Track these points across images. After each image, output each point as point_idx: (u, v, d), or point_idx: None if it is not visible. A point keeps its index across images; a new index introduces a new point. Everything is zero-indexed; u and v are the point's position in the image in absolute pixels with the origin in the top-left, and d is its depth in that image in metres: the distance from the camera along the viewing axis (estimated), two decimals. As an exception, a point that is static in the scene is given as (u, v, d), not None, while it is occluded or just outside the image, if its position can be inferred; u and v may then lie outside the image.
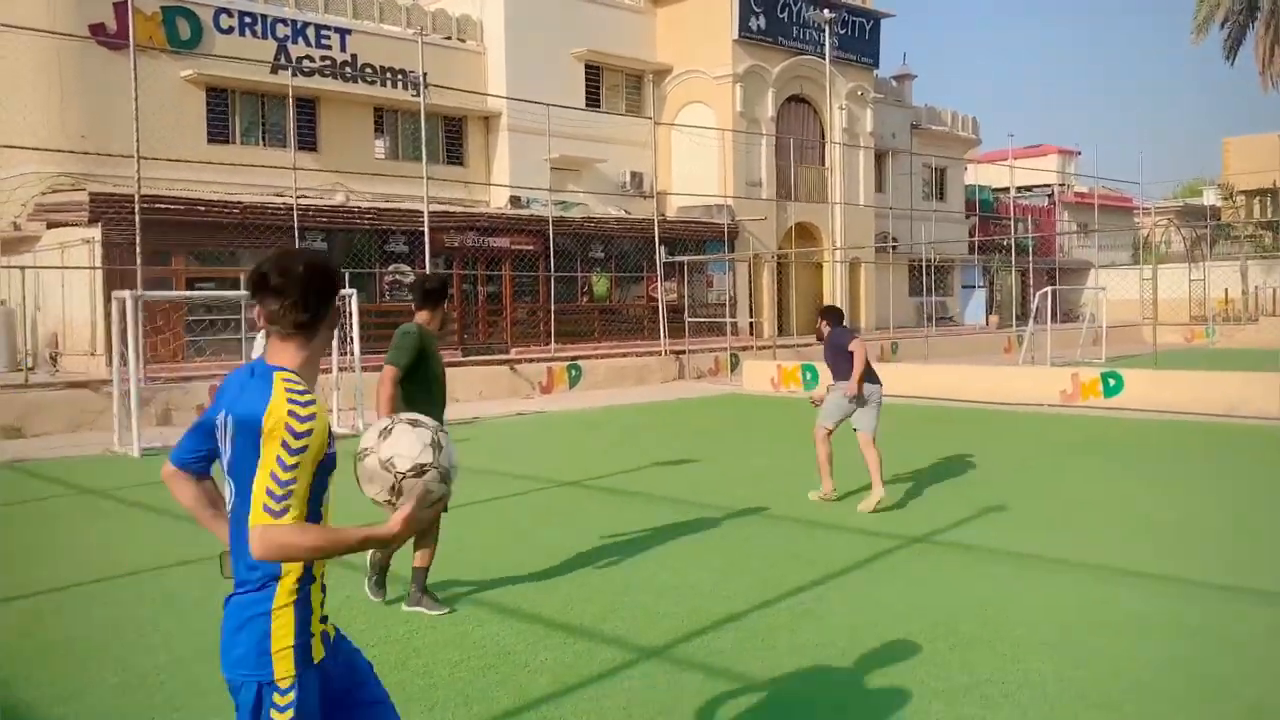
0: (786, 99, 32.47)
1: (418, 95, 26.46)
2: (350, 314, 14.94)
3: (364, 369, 15.44)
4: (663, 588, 6.47)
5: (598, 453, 12.82)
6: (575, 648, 5.35)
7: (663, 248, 25.87)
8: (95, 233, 18.88)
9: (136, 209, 16.70)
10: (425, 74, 22.16)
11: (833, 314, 9.63)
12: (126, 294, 12.99)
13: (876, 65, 35.53)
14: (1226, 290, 42.15)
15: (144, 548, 7.85)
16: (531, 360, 21.95)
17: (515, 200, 27.52)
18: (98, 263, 18.77)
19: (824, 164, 34.07)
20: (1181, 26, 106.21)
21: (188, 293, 17.87)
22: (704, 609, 5.96)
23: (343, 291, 15.22)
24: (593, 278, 27.37)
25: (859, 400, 9.08)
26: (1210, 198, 60.96)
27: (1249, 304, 41.94)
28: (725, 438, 14.28)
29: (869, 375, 9.07)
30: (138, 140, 16.79)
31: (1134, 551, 7.20)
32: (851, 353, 8.97)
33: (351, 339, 15.04)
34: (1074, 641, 5.32)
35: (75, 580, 6.88)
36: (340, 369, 15.51)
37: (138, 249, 16.55)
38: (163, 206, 18.97)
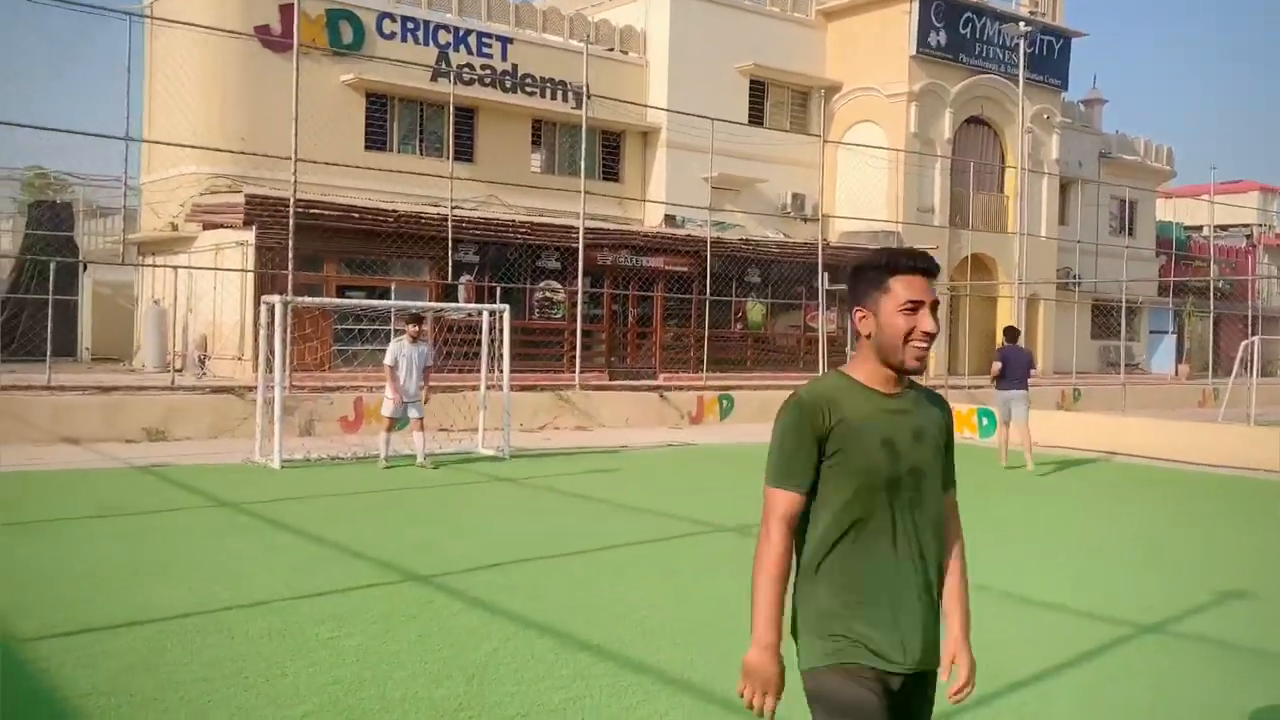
0: (965, 120, 31.13)
1: (577, 107, 26.36)
2: (503, 331, 14.57)
3: (512, 388, 15.09)
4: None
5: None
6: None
7: (825, 274, 24.92)
8: (249, 235, 19.14)
9: (291, 213, 16.83)
10: (588, 85, 21.83)
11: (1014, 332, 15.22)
12: (276, 298, 12.90)
13: (1065, 87, 33.83)
14: None
15: (277, 572, 7.45)
16: (681, 388, 21.31)
17: (670, 219, 27.04)
18: (250, 265, 19.01)
19: (1003, 191, 32.54)
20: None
21: (338, 300, 17.89)
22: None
23: (493, 307, 14.95)
24: (747, 304, 26.61)
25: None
26: None
27: None
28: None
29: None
30: (295, 143, 16.94)
31: None
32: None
33: (502, 355, 14.66)
34: None
35: (203, 607, 6.49)
36: (489, 387, 15.16)
37: (289, 253, 16.63)
38: (317, 212, 19.10)
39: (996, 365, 14.82)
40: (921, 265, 2.68)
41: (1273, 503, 12.58)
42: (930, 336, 2.61)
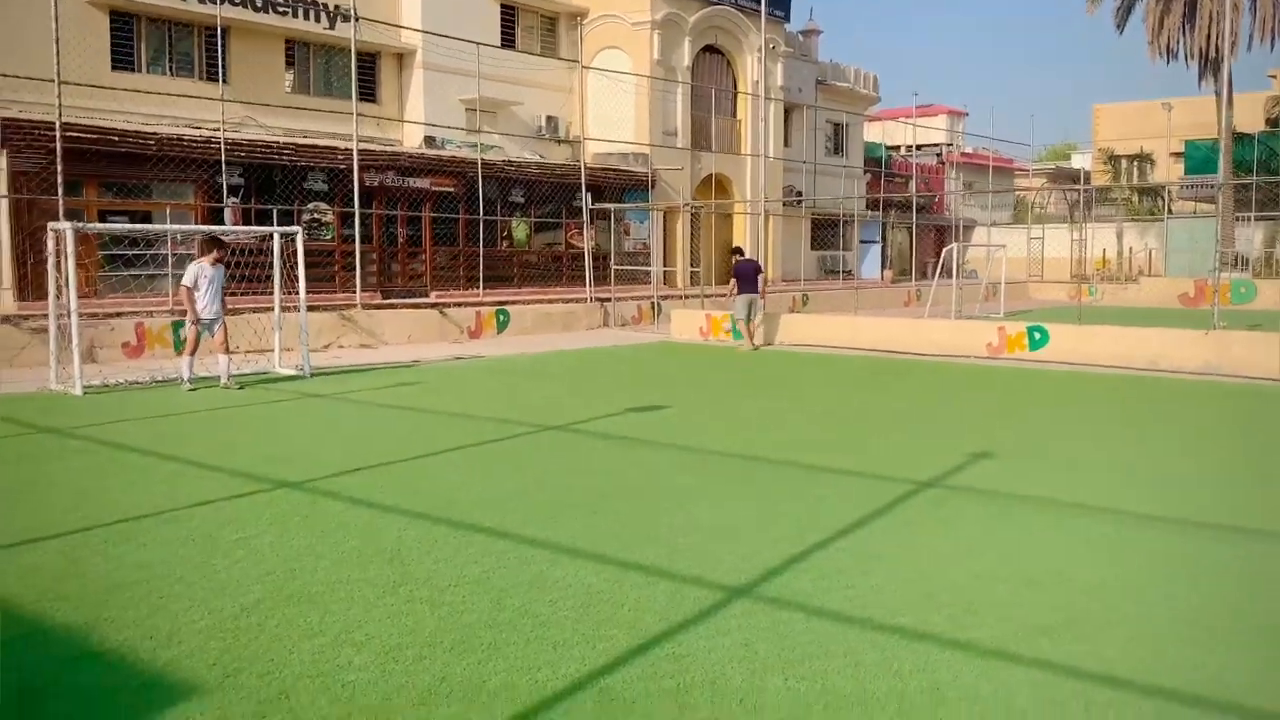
0: (702, 49, 32.38)
1: (330, 28, 25.58)
2: (297, 254, 14.37)
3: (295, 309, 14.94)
4: (712, 530, 6.50)
5: (564, 397, 12.73)
6: (661, 588, 5.34)
7: (588, 194, 25.61)
8: (1, 160, 17.67)
9: (58, 136, 15.68)
10: (355, 7, 21.23)
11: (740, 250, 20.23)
12: (66, 225, 12.21)
13: (787, 19, 35.70)
14: (1104, 250, 44.10)
15: (147, 488, 7.48)
16: (460, 304, 21.56)
17: (430, 140, 26.83)
18: (4, 191, 17.58)
19: (736, 116, 34.18)
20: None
21: (136, 226, 16.96)
22: (762, 550, 6.01)
23: (286, 230, 14.68)
24: (513, 223, 26.96)
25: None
26: (1080, 162, 63.56)
27: (1126, 264, 44.03)
28: (684, 384, 14.33)
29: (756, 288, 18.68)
30: (58, 64, 15.74)
31: (1138, 496, 7.55)
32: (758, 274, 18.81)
33: (296, 277, 14.48)
34: (1127, 578, 5.57)
35: (96, 521, 6.52)
36: (284, 309, 14.96)
37: (59, 178, 15.56)
38: (74, 135, 17.82)
39: (733, 282, 18.92)
40: None
41: (971, 379, 14.49)
42: None
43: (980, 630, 4.78)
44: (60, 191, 15.67)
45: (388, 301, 21.22)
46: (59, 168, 15.65)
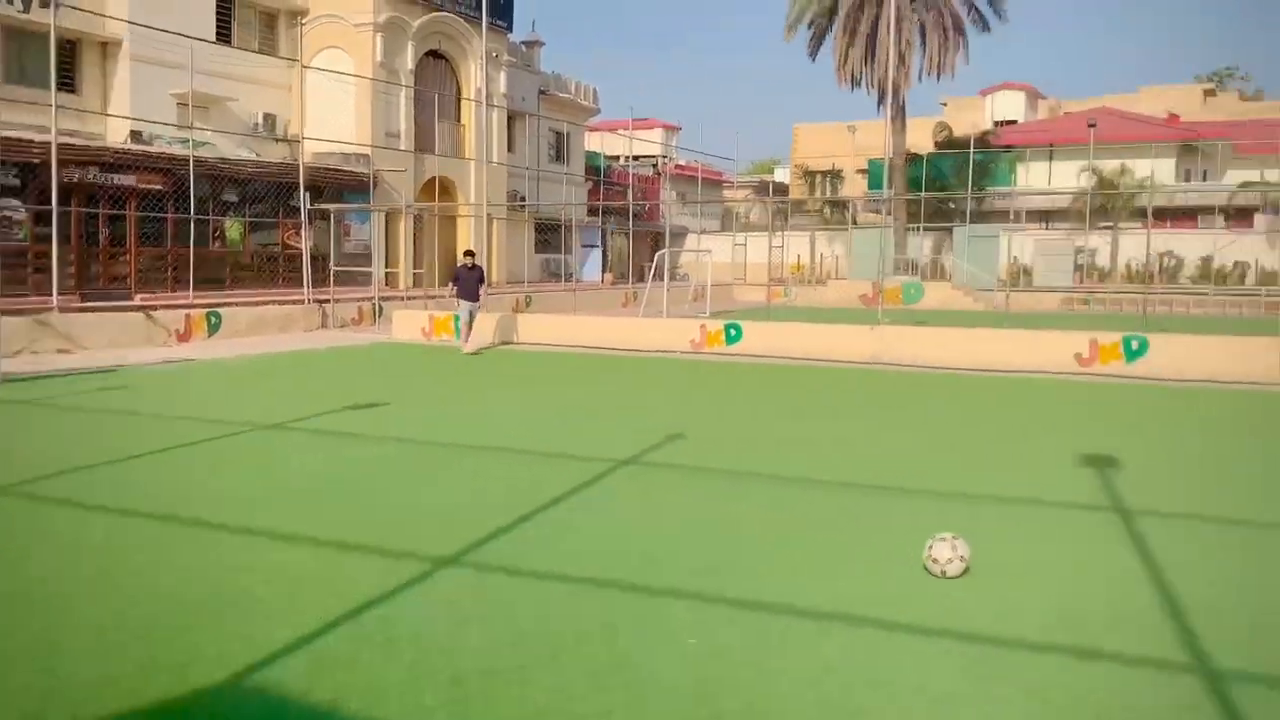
0: (426, 53, 32.33)
1: (25, 11, 23.74)
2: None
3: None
4: (428, 510, 6.90)
5: (280, 397, 12.64)
6: (374, 563, 5.69)
7: (307, 194, 25.06)
8: None
9: None
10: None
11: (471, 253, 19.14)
12: None
13: (510, 29, 36.24)
14: (799, 256, 47.57)
15: None
16: (167, 307, 20.57)
17: (137, 135, 25.37)
18: None
19: (460, 121, 34.36)
20: (778, 25, 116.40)
21: None
22: (473, 526, 6.47)
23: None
24: (226, 223, 25.93)
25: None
26: (781, 175, 68.16)
27: (817, 269, 47.68)
28: (405, 382, 14.52)
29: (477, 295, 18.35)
30: None
31: (805, 459, 8.60)
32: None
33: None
34: (800, 533, 6.47)
35: None
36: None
37: None
38: None
39: (452, 285, 18.84)
40: None
41: (675, 371, 15.59)
42: None
43: (657, 576, 5.46)
44: None
45: (88, 305, 19.95)
46: None
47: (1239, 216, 43.38)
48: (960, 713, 3.89)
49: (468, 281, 18.57)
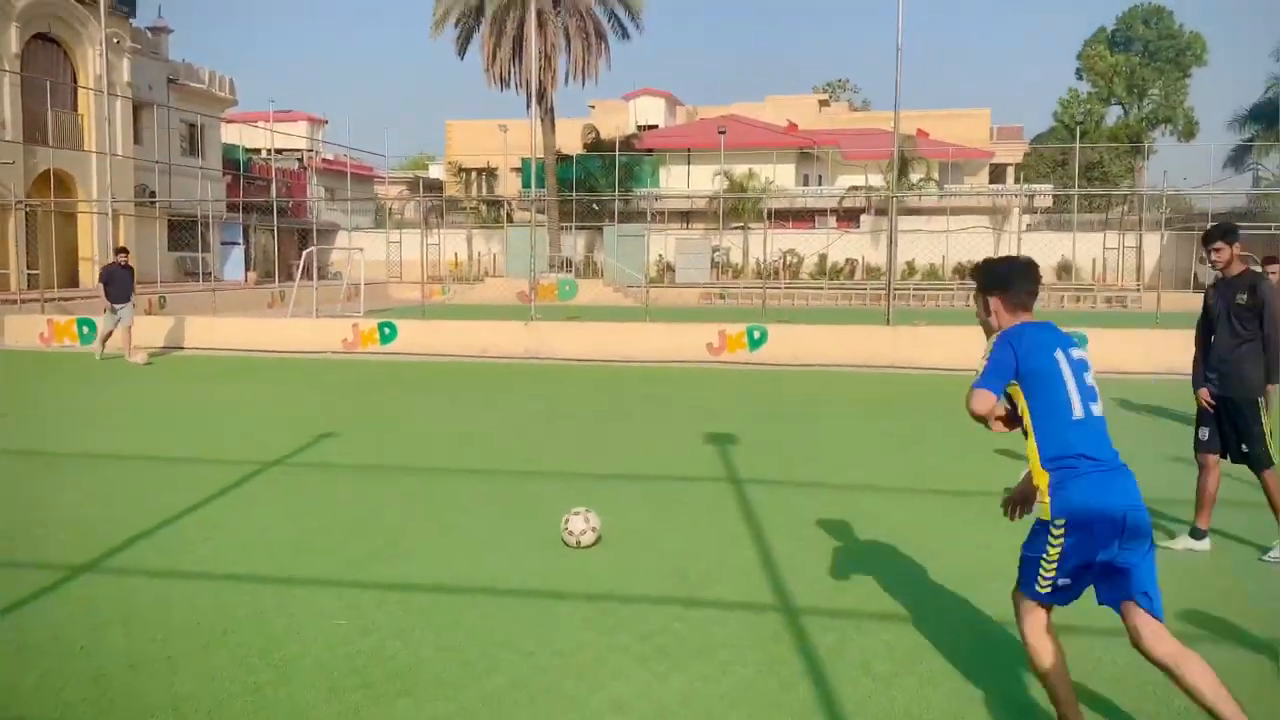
0: (34, 36, 29.39)
1: None
2: None
3: None
4: (54, 521, 6.64)
5: None
6: (3, 575, 5.48)
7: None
8: None
9: None
10: None
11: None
12: None
13: (133, 14, 33.72)
14: (456, 254, 47.88)
15: None
16: None
17: None
18: None
19: (78, 110, 31.54)
20: (425, 22, 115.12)
21: None
22: (111, 534, 6.33)
23: None
24: None
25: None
26: (436, 172, 68.01)
27: (475, 266, 48.22)
28: (13, 393, 13.39)
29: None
30: None
31: (458, 452, 9.02)
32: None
33: None
34: (431, 514, 6.87)
35: None
36: None
37: None
38: None
39: (102, 286, 17.00)
40: None
41: (339, 373, 15.52)
42: None
43: (307, 567, 5.68)
44: None
45: None
46: None
47: (847, 217, 48.69)
48: (581, 657, 4.48)
49: (121, 281, 16.92)
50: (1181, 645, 3.47)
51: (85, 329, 19.49)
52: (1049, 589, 3.55)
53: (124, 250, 17.76)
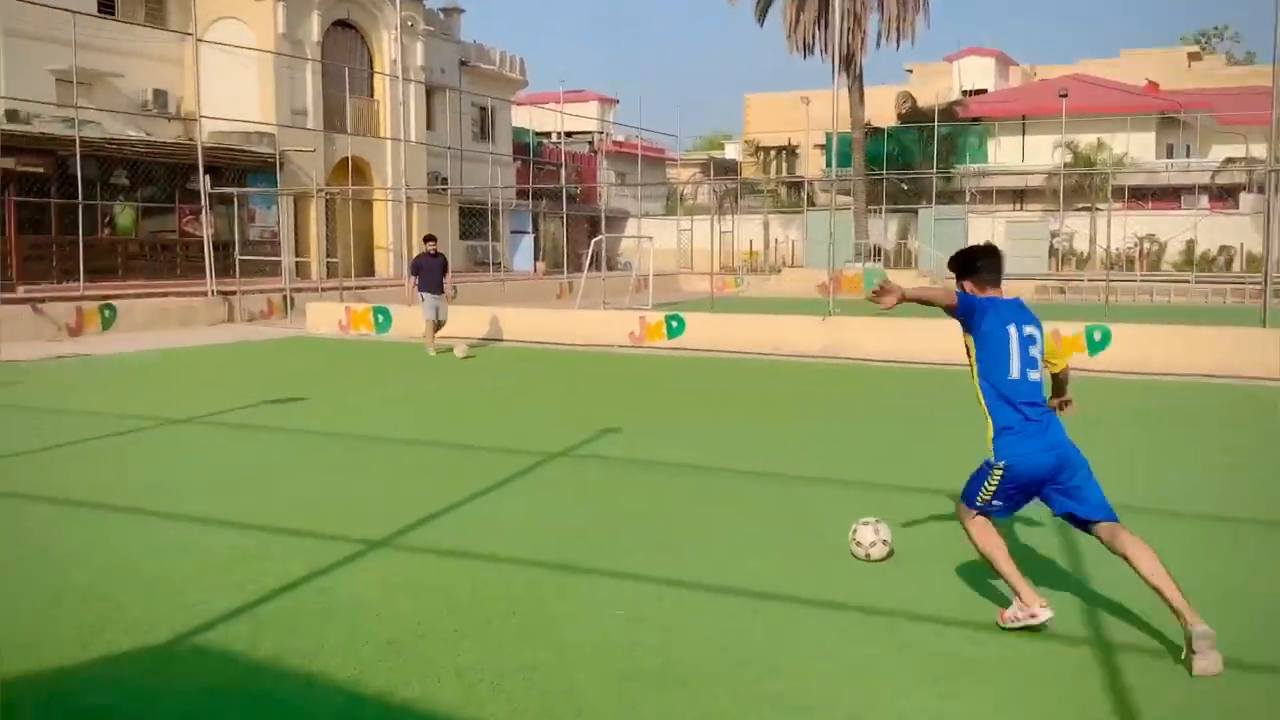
0: (334, 23, 32.83)
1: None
2: None
3: None
4: (345, 500, 7.66)
5: (192, 392, 13.23)
6: (305, 544, 6.44)
7: (207, 176, 25.51)
8: None
9: None
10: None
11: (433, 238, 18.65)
12: None
13: (426, -5, 36.90)
14: (751, 242, 48.69)
15: None
16: (56, 299, 20.98)
17: (14, 115, 25.61)
18: None
19: (374, 96, 34.88)
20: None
21: None
22: (398, 512, 7.23)
23: None
24: (115, 208, 26.29)
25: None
26: (732, 152, 69.30)
27: (772, 255, 48.83)
28: (323, 378, 15.18)
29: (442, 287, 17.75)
30: None
31: (743, 453, 9.48)
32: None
33: None
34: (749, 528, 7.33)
35: None
36: None
37: None
38: None
39: (412, 279, 17.91)
40: None
41: (626, 367, 16.47)
42: None
43: (587, 556, 6.28)
44: None
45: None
46: None
47: (1223, 196, 45.20)
48: (863, 671, 4.74)
49: (431, 272, 17.81)
50: (1131, 536, 4.83)
51: (380, 318, 21.65)
52: (983, 505, 5.05)
53: (432, 238, 18.63)
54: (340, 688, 4.39)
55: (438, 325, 17.90)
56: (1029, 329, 5.06)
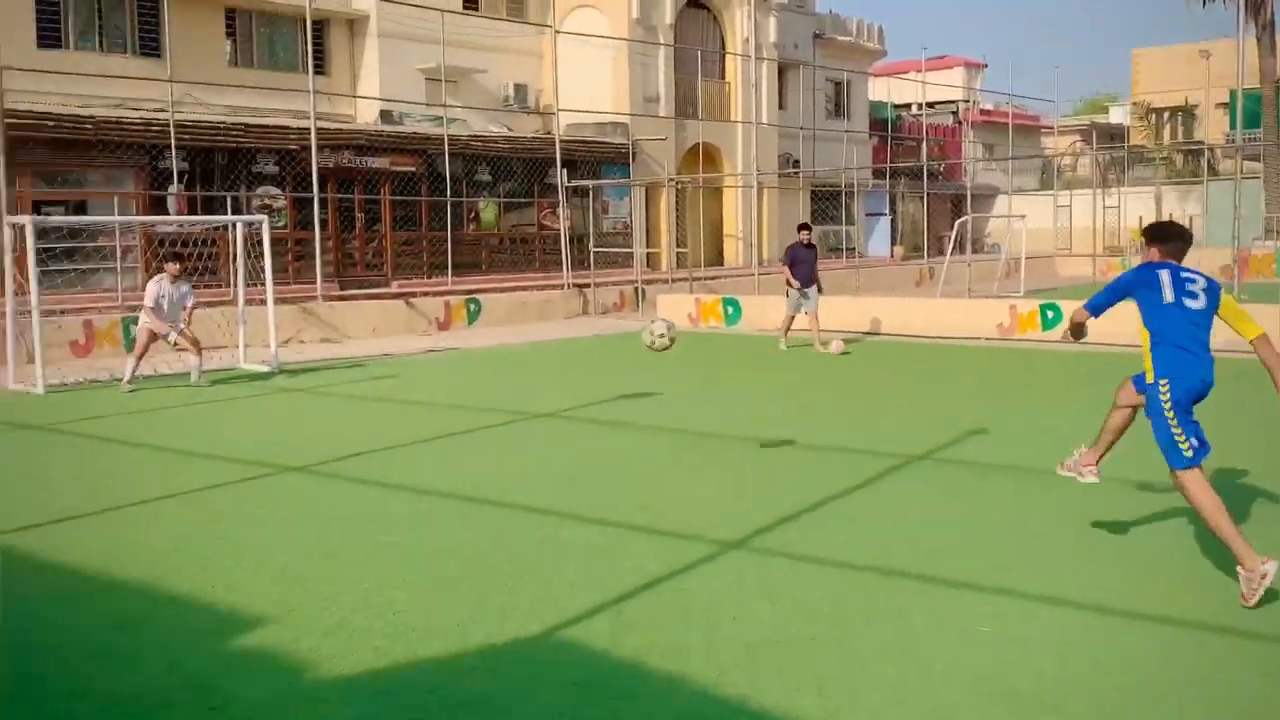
0: (686, 4, 33.78)
1: (274, -8, 26.91)
2: (263, 242, 15.74)
3: (251, 301, 16.36)
4: (706, 497, 7.98)
5: (550, 386, 14.17)
6: (658, 543, 6.80)
7: (564, 170, 27.03)
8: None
9: (0, 125, 17.02)
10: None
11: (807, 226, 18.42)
12: (25, 219, 13.63)
13: (779, -33, 37.23)
14: (1141, 218, 45.68)
15: (156, 475, 8.90)
16: (427, 294, 22.98)
17: (387, 115, 28.19)
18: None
19: (724, 78, 35.62)
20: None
21: (94, 219, 18.50)
22: (750, 513, 7.46)
23: (250, 218, 16.03)
24: (480, 203, 28.38)
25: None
26: (1117, 116, 65.25)
27: (1164, 233, 45.54)
28: (674, 371, 15.78)
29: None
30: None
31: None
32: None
33: (263, 269, 15.86)
34: (1103, 534, 7.07)
35: (122, 502, 7.94)
36: (247, 302, 16.34)
37: (0, 169, 16.90)
38: (10, 121, 19.15)
39: (787, 268, 17.74)
40: None
41: (996, 363, 16.04)
42: None
43: (951, 569, 6.25)
44: (2, 182, 16.99)
45: (349, 293, 22.62)
46: (0, 160, 16.97)
47: None
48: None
49: (806, 262, 17.66)
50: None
51: (729, 309, 22.19)
52: (1191, 451, 5.80)
53: (806, 227, 18.37)
54: (701, 690, 4.64)
55: (790, 321, 18.08)
56: (1186, 274, 6.10)
